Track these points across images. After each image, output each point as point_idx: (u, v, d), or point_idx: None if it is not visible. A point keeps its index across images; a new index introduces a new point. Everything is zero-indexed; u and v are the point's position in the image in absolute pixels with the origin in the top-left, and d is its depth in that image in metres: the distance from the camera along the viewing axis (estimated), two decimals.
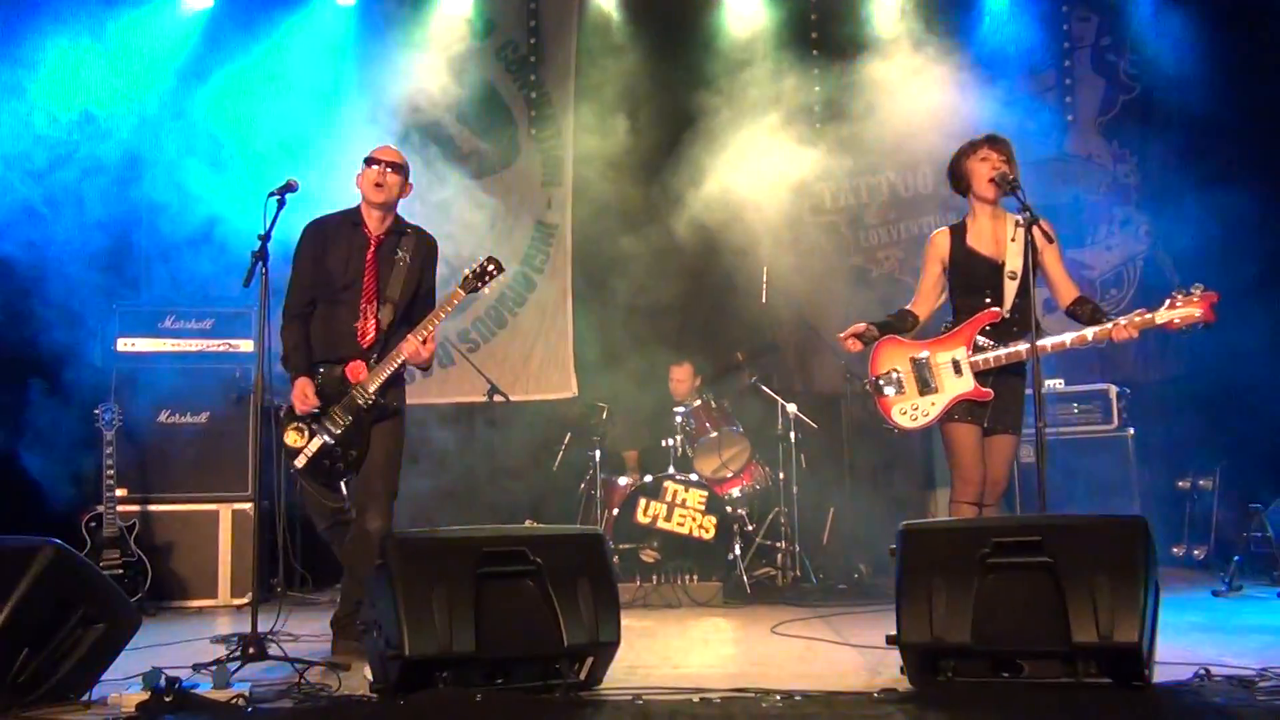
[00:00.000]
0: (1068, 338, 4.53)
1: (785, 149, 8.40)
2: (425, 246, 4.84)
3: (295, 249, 4.81)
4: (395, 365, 4.62)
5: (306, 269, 4.76)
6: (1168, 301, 4.43)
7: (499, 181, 8.29)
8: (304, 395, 4.65)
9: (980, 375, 4.59)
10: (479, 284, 4.69)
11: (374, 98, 7.91)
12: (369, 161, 4.72)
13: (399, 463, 4.78)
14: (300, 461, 4.75)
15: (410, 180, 4.84)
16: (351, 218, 4.78)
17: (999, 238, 4.66)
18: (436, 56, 8.06)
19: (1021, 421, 4.69)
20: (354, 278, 4.67)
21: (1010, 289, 4.59)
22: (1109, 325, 4.47)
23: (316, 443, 4.70)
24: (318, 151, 7.61)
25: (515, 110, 8.43)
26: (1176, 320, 4.39)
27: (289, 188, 4.48)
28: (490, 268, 4.69)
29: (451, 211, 8.09)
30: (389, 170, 4.69)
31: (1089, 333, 4.50)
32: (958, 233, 4.75)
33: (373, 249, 4.72)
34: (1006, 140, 4.73)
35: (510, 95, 8.42)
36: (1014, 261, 4.59)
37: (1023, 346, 4.49)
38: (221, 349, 6.76)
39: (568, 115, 8.38)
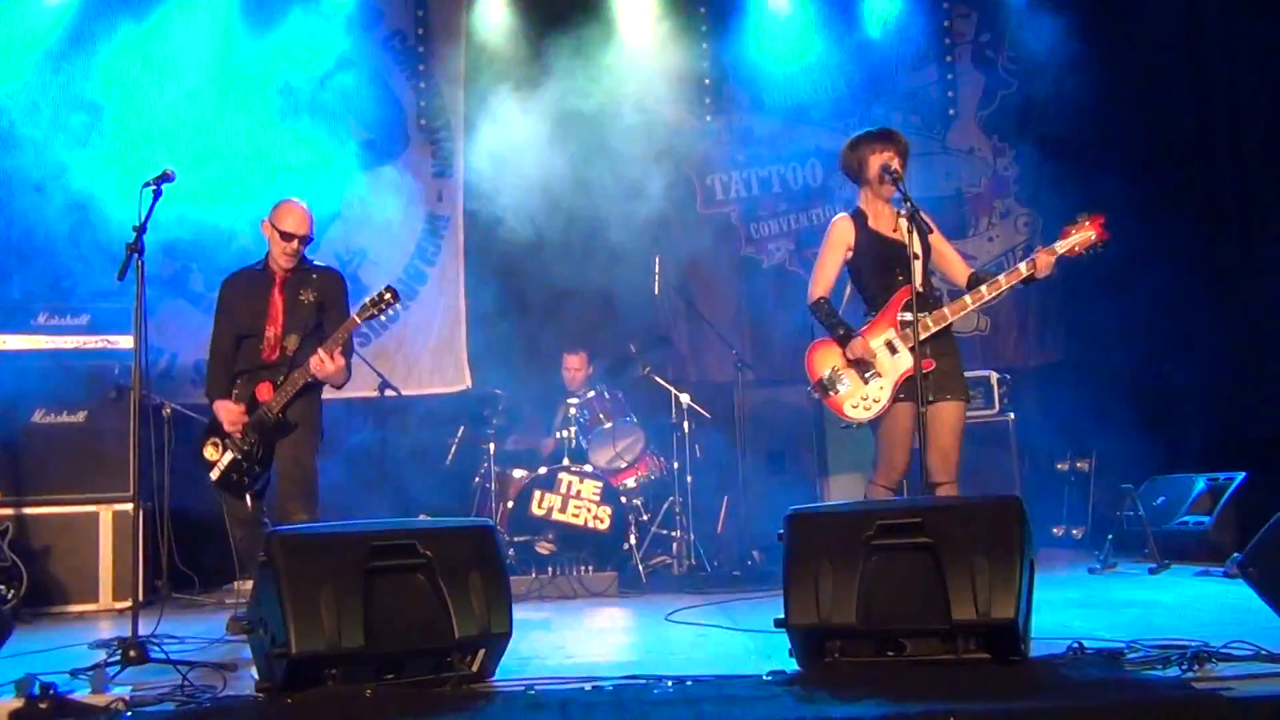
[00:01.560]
0: (984, 288, 4.64)
1: (676, 140, 8.47)
2: (331, 284, 5.22)
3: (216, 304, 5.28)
4: (299, 385, 4.93)
5: (222, 317, 5.20)
6: (1061, 234, 4.68)
7: (389, 172, 8.17)
8: (229, 416, 5.01)
9: (915, 350, 4.60)
10: (375, 311, 4.94)
11: (258, 87, 7.73)
12: (284, 236, 5.08)
13: (310, 463, 5.09)
14: (214, 474, 5.10)
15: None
16: (257, 266, 5.22)
17: (895, 223, 4.77)
18: (323, 46, 7.92)
19: (965, 389, 4.74)
20: (261, 310, 5.08)
21: (916, 267, 4.65)
22: (1020, 267, 4.62)
23: (228, 457, 5.04)
24: (200, 141, 7.43)
25: (404, 101, 8.30)
26: (1076, 248, 4.65)
27: (165, 178, 4.49)
28: (388, 296, 4.92)
29: (340, 203, 7.97)
30: (300, 244, 5.11)
31: (1002, 278, 4.64)
32: (859, 219, 4.83)
33: (278, 285, 5.11)
34: (905, 140, 4.84)
35: (398, 86, 8.28)
36: (914, 242, 4.66)
37: (945, 309, 4.62)
38: (99, 345, 6.52)
39: (457, 106, 8.29)
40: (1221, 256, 7.72)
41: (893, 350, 4.68)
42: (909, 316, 4.61)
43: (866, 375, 4.70)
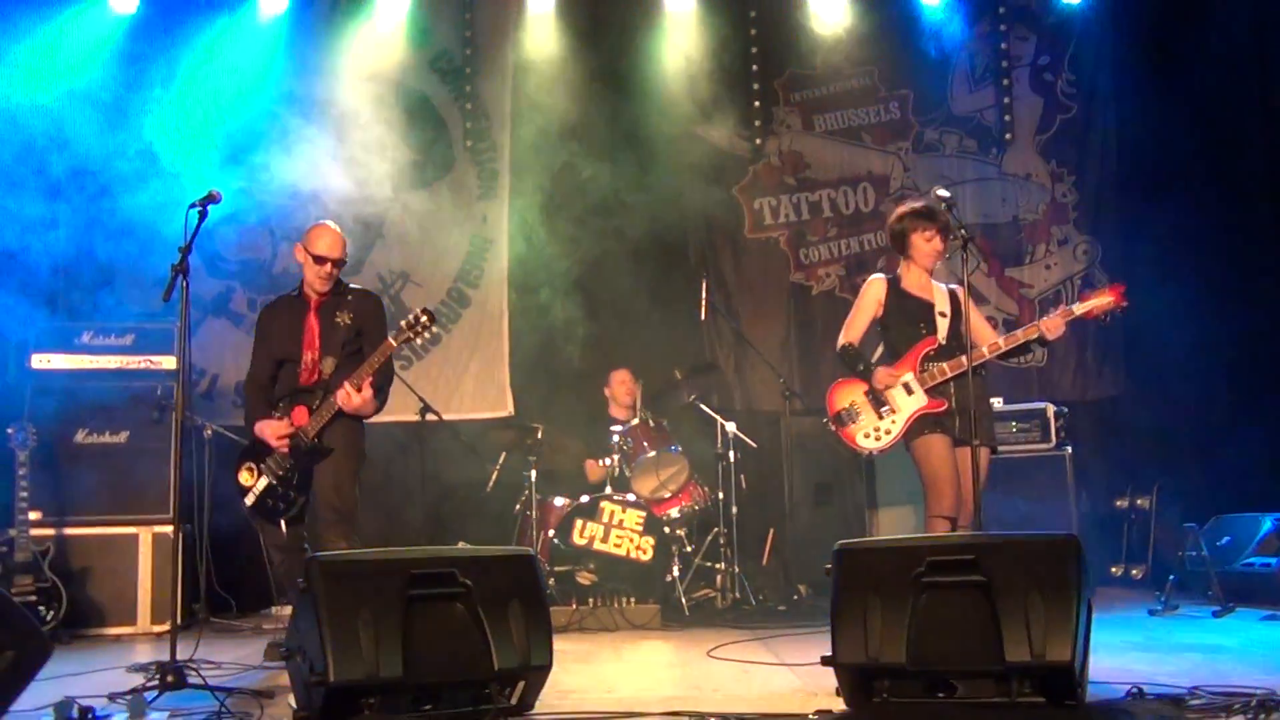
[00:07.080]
0: (1001, 339, 5.03)
1: (725, 163, 8.41)
2: (367, 307, 5.10)
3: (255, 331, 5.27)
4: (333, 412, 4.84)
5: (259, 345, 5.15)
6: (1081, 296, 5.08)
7: (433, 194, 8.14)
8: (274, 431, 4.90)
9: (931, 391, 4.99)
10: (411, 335, 4.78)
11: (306, 107, 7.76)
12: (318, 259, 4.98)
13: (349, 490, 4.96)
14: (249, 499, 4.99)
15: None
16: (293, 293, 5.16)
17: (927, 285, 5.20)
18: (370, 66, 7.94)
19: (992, 434, 5.18)
20: (297, 335, 5.00)
21: (942, 324, 5.08)
22: (1034, 324, 4.96)
23: (263, 482, 4.94)
24: (243, 160, 7.45)
25: (449, 122, 8.28)
26: (1095, 310, 4.94)
27: (211, 199, 4.51)
28: (424, 319, 4.77)
29: (385, 224, 7.97)
30: (335, 268, 5.04)
31: (1019, 331, 5.00)
32: (894, 282, 5.23)
33: (313, 309, 5.04)
34: (947, 215, 5.04)
35: (444, 106, 8.27)
36: (941, 303, 5.12)
37: (961, 358, 4.91)
38: (142, 366, 6.50)
39: (503, 128, 8.26)
40: None
41: (909, 390, 5.04)
42: (928, 365, 5.02)
43: (881, 410, 5.08)
